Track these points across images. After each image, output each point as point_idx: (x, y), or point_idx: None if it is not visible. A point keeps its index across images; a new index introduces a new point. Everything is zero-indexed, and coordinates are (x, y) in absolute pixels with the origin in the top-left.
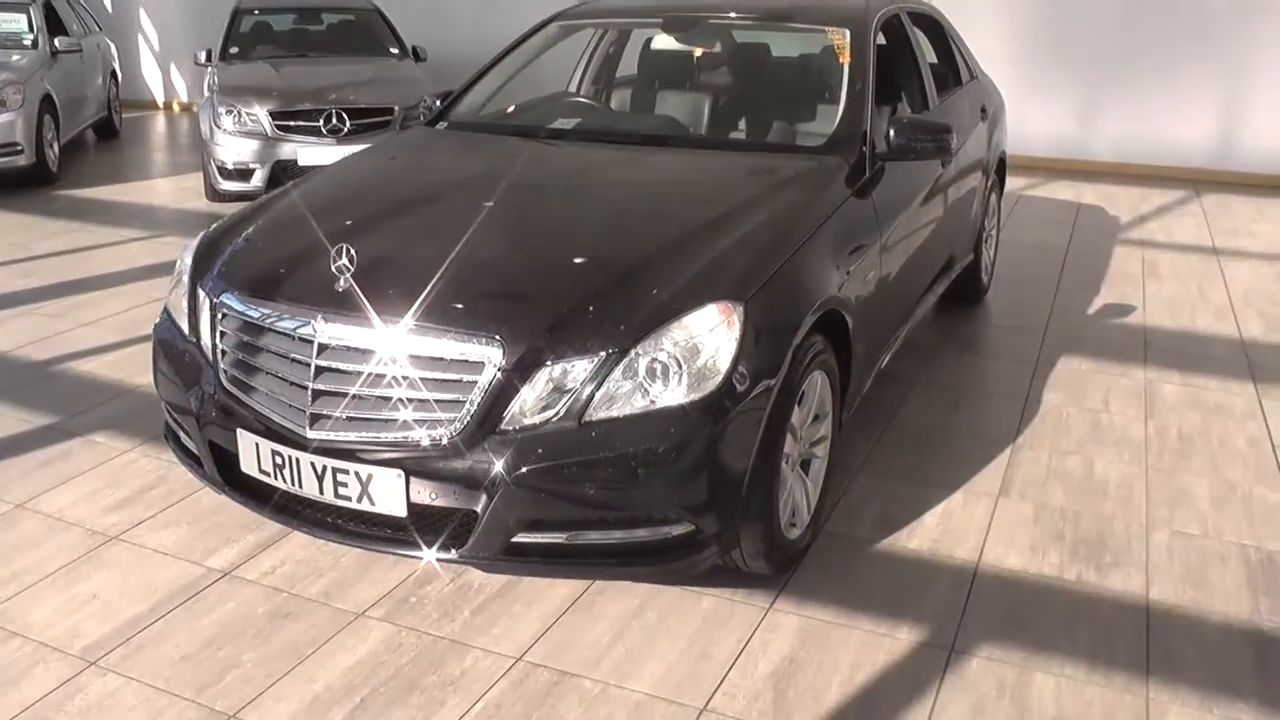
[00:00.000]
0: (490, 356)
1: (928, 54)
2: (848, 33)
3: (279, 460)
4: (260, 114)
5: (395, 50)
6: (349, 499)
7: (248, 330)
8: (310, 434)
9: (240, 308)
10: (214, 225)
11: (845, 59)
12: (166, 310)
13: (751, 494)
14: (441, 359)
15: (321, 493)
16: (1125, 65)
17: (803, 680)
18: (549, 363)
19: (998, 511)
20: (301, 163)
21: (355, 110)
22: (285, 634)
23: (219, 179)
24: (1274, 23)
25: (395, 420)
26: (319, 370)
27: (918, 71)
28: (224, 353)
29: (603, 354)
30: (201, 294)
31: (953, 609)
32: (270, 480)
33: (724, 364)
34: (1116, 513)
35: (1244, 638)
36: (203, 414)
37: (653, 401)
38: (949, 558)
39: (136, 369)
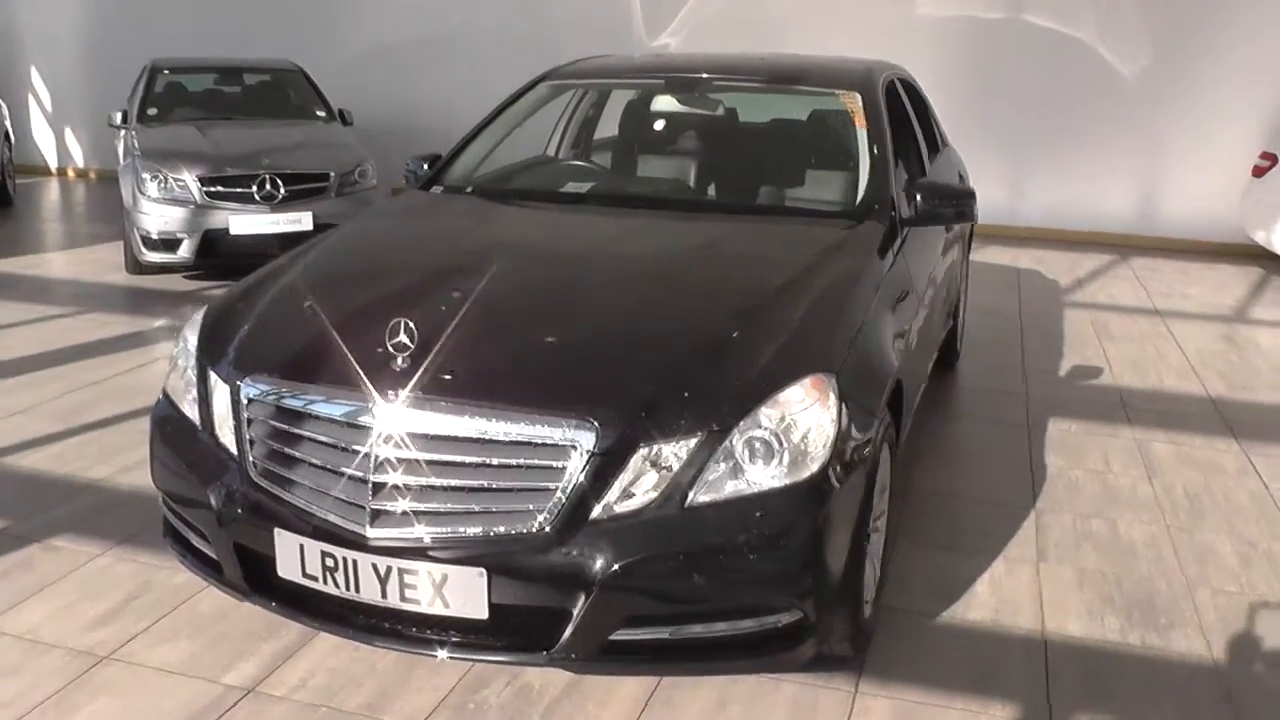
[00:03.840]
0: (581, 440)
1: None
2: (859, 96)
3: (330, 563)
4: (188, 180)
5: (322, 113)
6: (418, 603)
7: (284, 418)
8: (371, 532)
9: (274, 393)
10: (215, 300)
11: (861, 123)
12: (166, 396)
13: (847, 575)
14: (527, 444)
15: (384, 597)
16: (1050, 136)
17: None
18: (643, 445)
19: (1043, 578)
20: (233, 232)
21: (290, 176)
22: None
23: (143, 250)
24: (1185, 96)
25: (473, 513)
26: (379, 461)
27: (913, 136)
28: (252, 443)
29: (701, 434)
30: (215, 378)
31: (1035, 682)
32: (317, 585)
33: (824, 439)
34: (1154, 574)
35: None
36: (225, 512)
37: (753, 483)
38: (1013, 628)
39: (87, 461)
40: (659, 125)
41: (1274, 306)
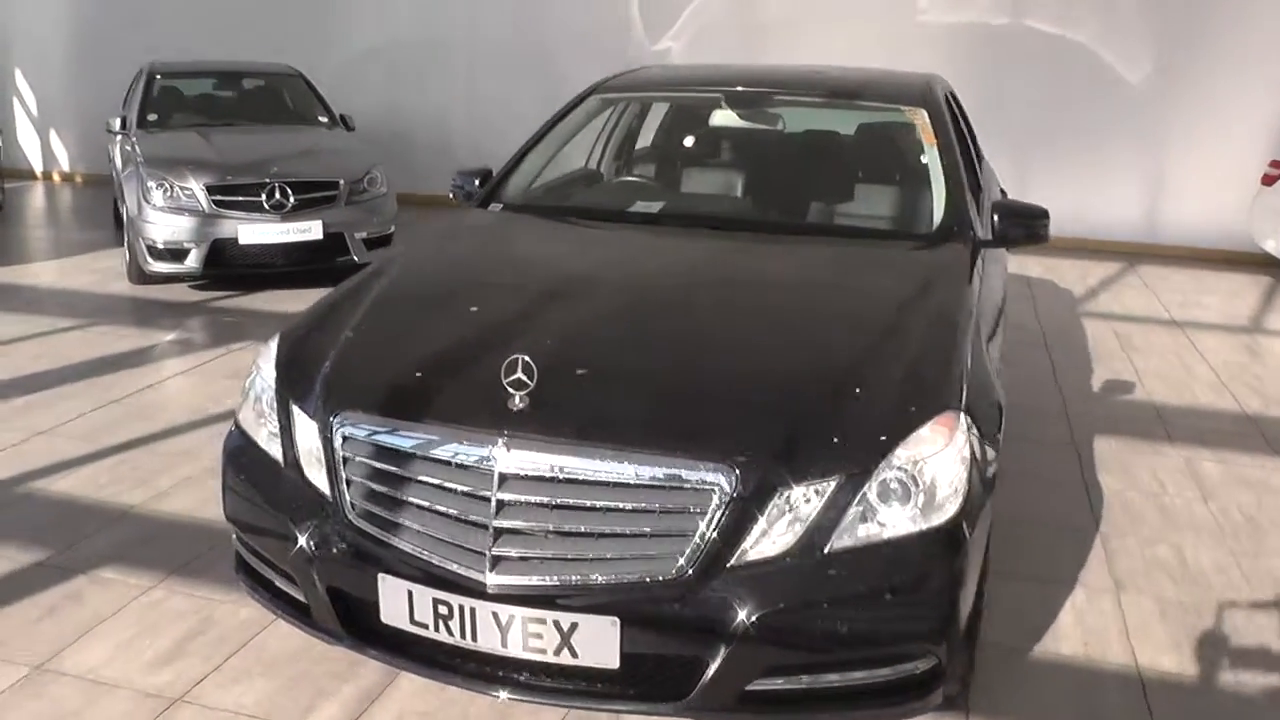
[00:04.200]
0: (720, 483)
1: None
2: (924, 112)
3: (444, 610)
4: (196, 188)
5: (324, 119)
6: (543, 651)
7: (388, 458)
8: (492, 579)
9: (375, 432)
10: (290, 327)
11: (931, 140)
12: (240, 428)
13: (973, 615)
14: (662, 487)
15: (505, 646)
16: (1055, 142)
17: None
18: (781, 489)
19: (1125, 609)
20: (242, 241)
21: (299, 184)
22: None
23: (149, 259)
24: (1191, 102)
25: (605, 559)
26: (500, 505)
27: (967, 151)
28: (350, 483)
29: (839, 477)
30: (299, 413)
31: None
32: (428, 633)
33: (957, 479)
34: (1229, 602)
35: None
36: (318, 555)
37: (889, 526)
38: (1104, 662)
39: (121, 486)
40: (722, 141)
41: None
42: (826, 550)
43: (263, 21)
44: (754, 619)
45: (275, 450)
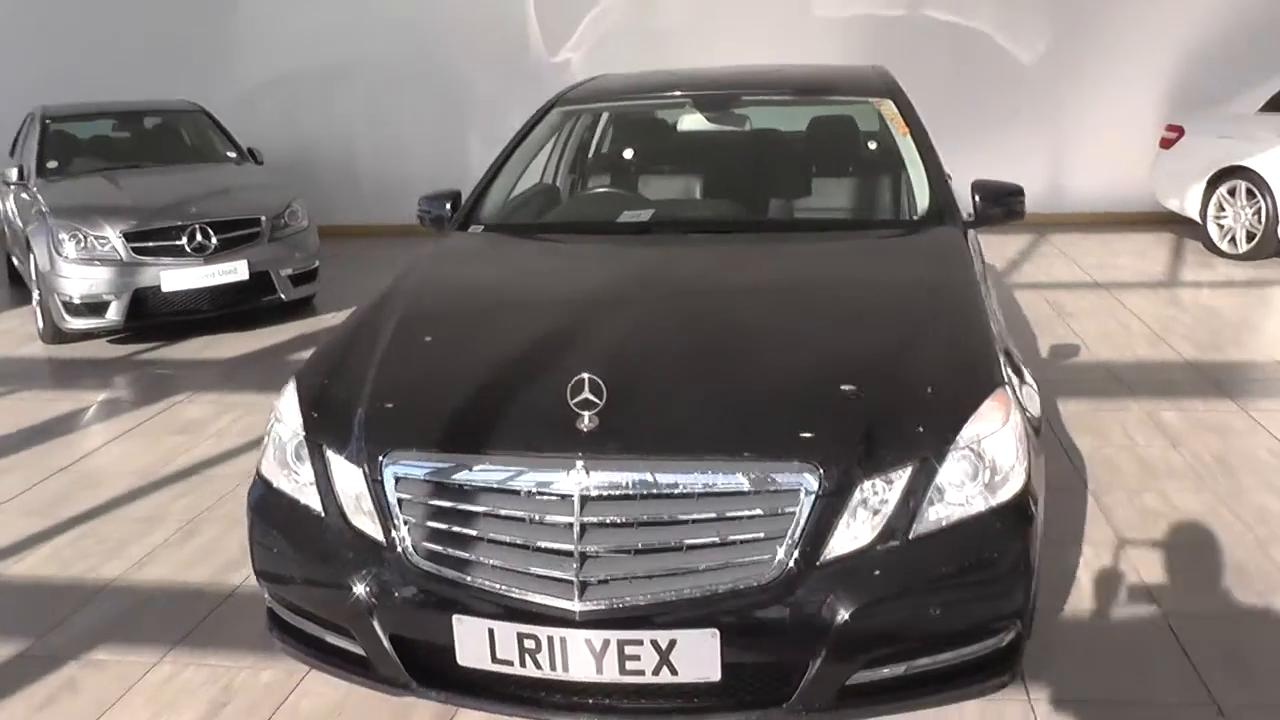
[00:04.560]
0: (805, 483)
1: None
2: (891, 103)
3: (531, 644)
4: (112, 236)
5: (232, 154)
6: (641, 673)
7: (450, 495)
8: (582, 606)
9: (433, 470)
10: (306, 371)
11: (903, 129)
12: (265, 480)
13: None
14: (748, 493)
15: (600, 672)
16: (960, 125)
17: None
18: (861, 482)
19: (1137, 559)
20: (165, 289)
21: (220, 224)
22: None
23: (65, 316)
24: (1085, 77)
25: (697, 571)
26: (583, 529)
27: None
28: (408, 525)
29: (913, 464)
30: (335, 457)
31: (1179, 662)
32: (513, 670)
33: (1017, 454)
34: (1230, 542)
35: None
36: (380, 603)
37: (963, 506)
38: (1132, 612)
39: (91, 560)
40: (697, 145)
41: (1200, 268)
42: (910, 536)
43: (150, 56)
44: (850, 613)
45: (311, 500)
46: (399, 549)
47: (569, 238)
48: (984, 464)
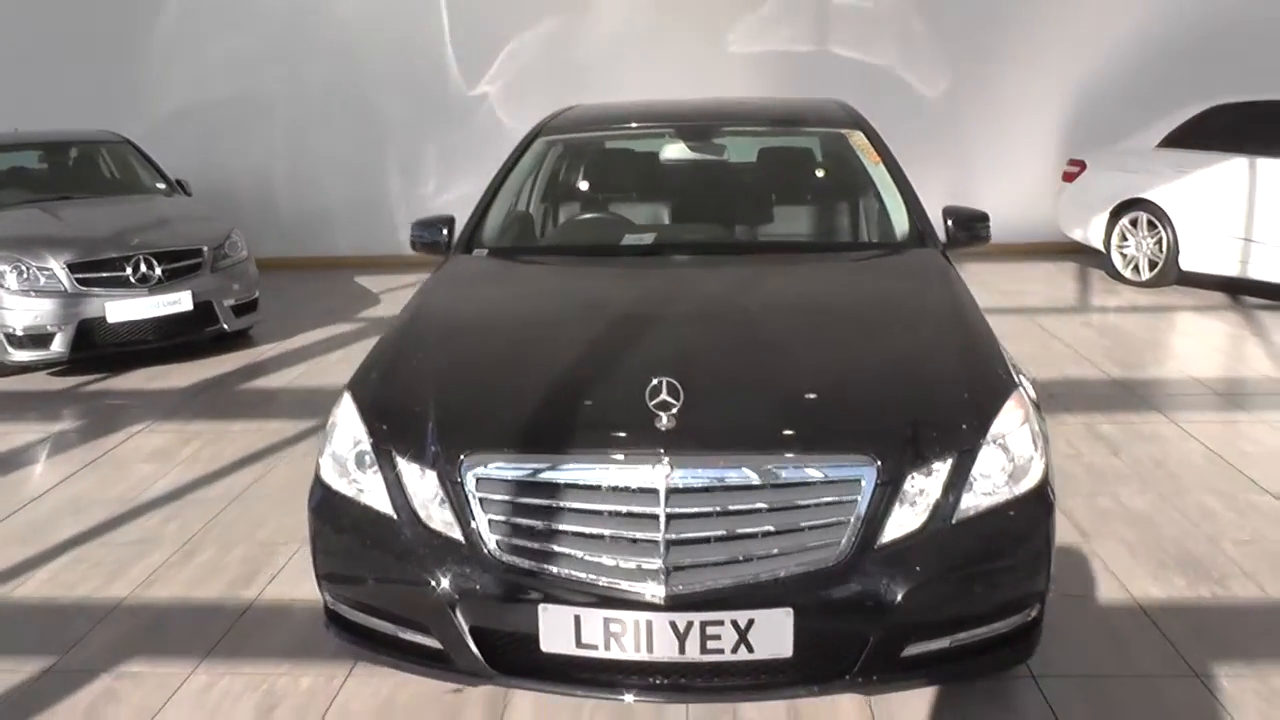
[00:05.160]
0: (866, 474)
1: None
2: (861, 134)
3: (617, 628)
4: (56, 267)
5: (161, 185)
6: (720, 651)
7: (535, 492)
8: (668, 591)
9: (517, 470)
10: (361, 383)
11: (875, 158)
12: (326, 487)
13: None
14: (816, 484)
15: (682, 652)
16: None
17: None
18: (911, 472)
19: (1102, 553)
20: (110, 319)
21: (163, 255)
22: None
23: (8, 349)
24: (987, 113)
25: (773, 555)
26: (668, 519)
27: None
28: (492, 523)
29: (953, 456)
30: (405, 462)
31: (1159, 643)
32: (597, 653)
33: (1037, 446)
34: (1180, 535)
35: None
36: (462, 597)
37: (995, 493)
38: (1108, 599)
39: (94, 582)
40: (680, 172)
41: (1107, 295)
42: (954, 521)
43: (59, 85)
44: (903, 591)
45: (381, 504)
46: (482, 546)
47: (577, 260)
48: (1009, 456)
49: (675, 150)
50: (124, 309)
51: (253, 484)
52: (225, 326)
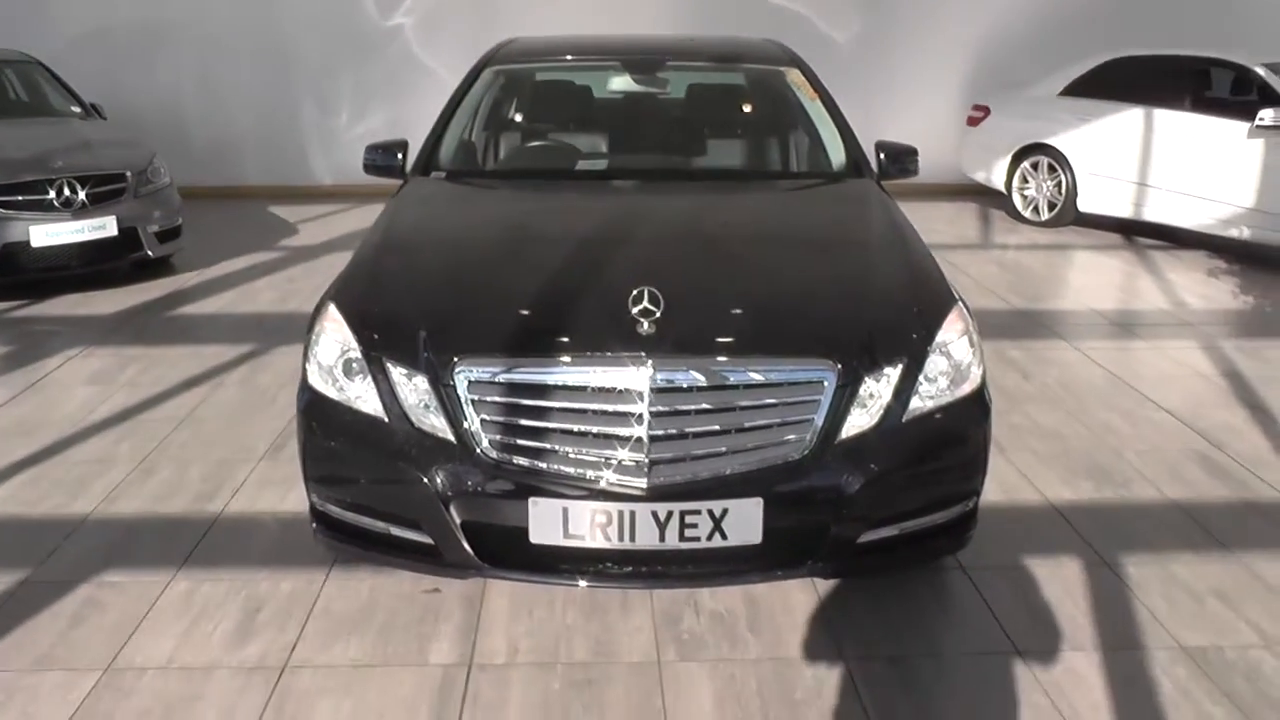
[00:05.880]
0: (828, 377)
1: None
2: (798, 71)
3: (603, 519)
4: None
5: (76, 109)
6: (697, 539)
7: (525, 393)
8: (650, 483)
9: (508, 373)
10: (344, 294)
11: (812, 94)
12: (316, 393)
13: None
14: (786, 384)
15: (662, 540)
16: None
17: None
18: (866, 376)
19: (1017, 462)
20: (34, 244)
21: (86, 178)
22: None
23: None
24: (893, 58)
25: (746, 449)
26: (651, 417)
27: None
28: (483, 423)
29: (903, 363)
30: (395, 368)
31: (1073, 539)
32: (583, 543)
33: (975, 355)
34: (1087, 448)
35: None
36: (454, 494)
37: (939, 396)
38: (1025, 503)
39: (57, 499)
40: (628, 103)
41: (1008, 233)
42: (903, 419)
43: None
44: (861, 482)
45: (373, 407)
46: (474, 446)
47: (535, 182)
48: (951, 363)
49: (623, 82)
50: (48, 233)
51: (199, 405)
52: (150, 253)
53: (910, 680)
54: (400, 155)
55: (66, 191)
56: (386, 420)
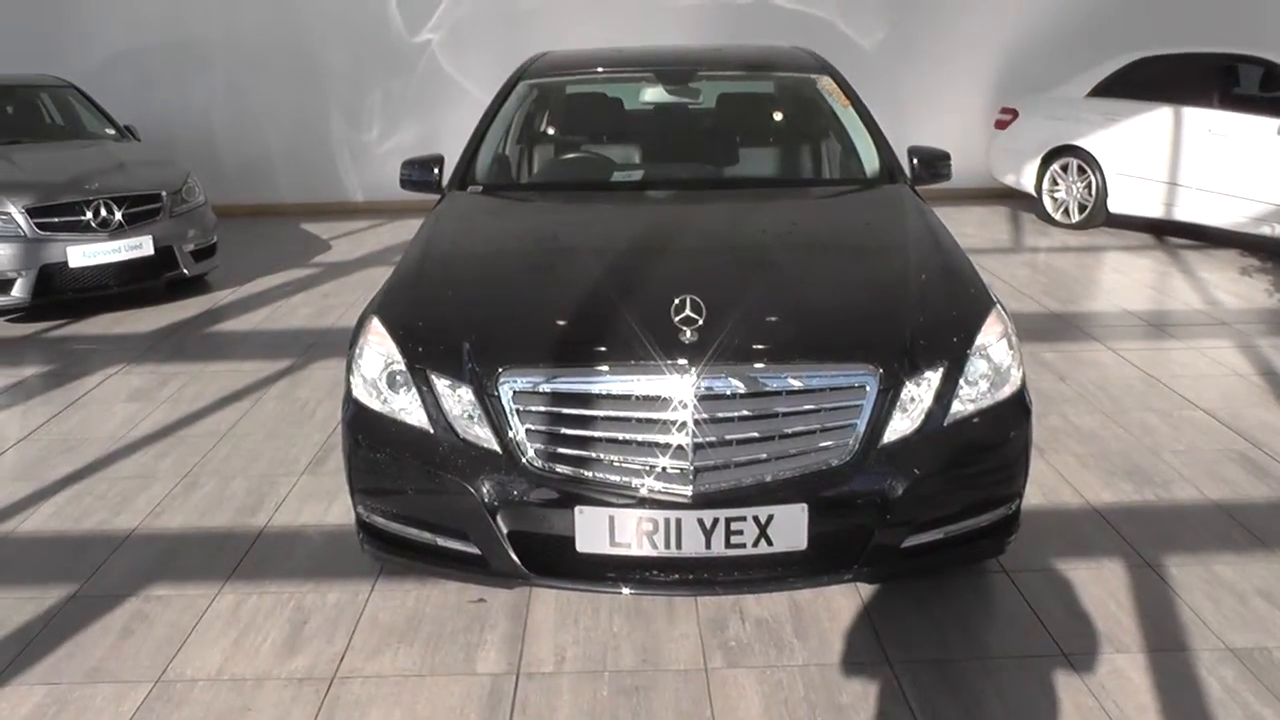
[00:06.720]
0: (870, 382)
1: None
2: (829, 79)
3: (649, 527)
4: (14, 212)
5: (111, 131)
6: (743, 546)
7: (570, 403)
8: (696, 490)
9: (551, 383)
10: (387, 308)
11: (844, 101)
12: (362, 405)
13: None
14: (827, 390)
15: (708, 547)
16: None
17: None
18: (907, 381)
19: (1056, 465)
20: (72, 264)
21: (123, 199)
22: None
23: None
24: (920, 63)
25: (790, 455)
26: (695, 424)
27: None
28: (529, 433)
29: (943, 367)
30: (440, 380)
31: (1116, 541)
32: (629, 551)
33: (1015, 358)
34: (1125, 449)
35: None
36: (501, 504)
37: (979, 399)
38: (1065, 505)
39: (101, 514)
40: (664, 114)
41: (1039, 236)
42: (945, 423)
43: None
44: (904, 486)
45: (417, 419)
46: (520, 456)
47: (571, 195)
48: (991, 366)
49: (655, 93)
50: (86, 253)
51: (239, 420)
52: (185, 271)
53: (956, 683)
54: (436, 170)
55: (103, 212)
56: (431, 431)
